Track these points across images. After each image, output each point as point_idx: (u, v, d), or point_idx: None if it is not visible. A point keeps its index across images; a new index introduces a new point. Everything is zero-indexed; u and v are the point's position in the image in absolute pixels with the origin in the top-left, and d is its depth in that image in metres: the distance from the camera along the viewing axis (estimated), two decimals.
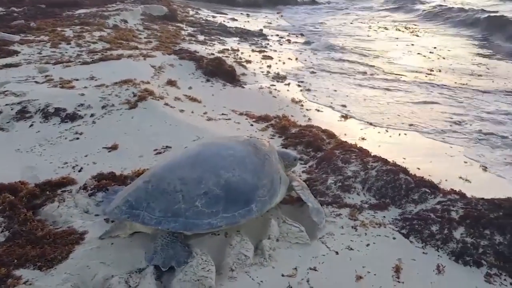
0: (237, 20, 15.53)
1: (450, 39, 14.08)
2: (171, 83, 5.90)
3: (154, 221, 2.43)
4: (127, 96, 4.99)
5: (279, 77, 7.59)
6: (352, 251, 2.59)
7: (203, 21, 14.04)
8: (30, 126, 4.42)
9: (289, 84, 7.21)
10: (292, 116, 5.40)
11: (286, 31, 14.27)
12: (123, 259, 2.48)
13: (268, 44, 11.08)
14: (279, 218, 2.81)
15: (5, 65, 6.48)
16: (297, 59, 9.50)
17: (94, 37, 8.84)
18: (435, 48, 11.93)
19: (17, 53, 7.40)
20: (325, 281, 2.35)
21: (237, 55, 8.99)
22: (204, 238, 2.66)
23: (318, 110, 5.98)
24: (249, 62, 8.43)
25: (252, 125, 4.85)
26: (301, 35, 13.35)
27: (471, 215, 2.75)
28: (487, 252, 2.55)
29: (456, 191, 3.05)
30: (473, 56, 11.27)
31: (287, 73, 7.95)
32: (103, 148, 3.97)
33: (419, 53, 11.23)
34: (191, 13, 15.96)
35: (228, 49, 9.47)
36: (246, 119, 5.03)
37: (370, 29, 15.68)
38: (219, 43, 10.45)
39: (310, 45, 11.56)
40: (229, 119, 4.93)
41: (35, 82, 5.71)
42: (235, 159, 2.71)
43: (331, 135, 4.31)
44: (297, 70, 8.40)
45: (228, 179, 2.58)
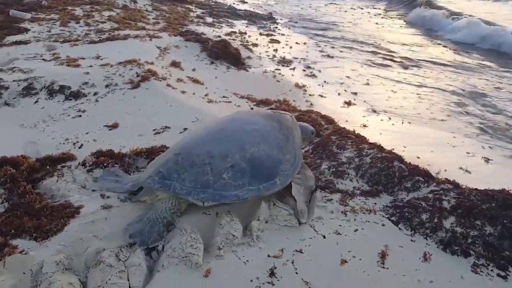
0: (247, 2, 15.35)
1: None
2: (175, 64, 5.91)
3: (185, 191, 2.55)
4: (131, 76, 5.03)
5: (284, 61, 7.54)
6: (339, 236, 2.61)
7: (213, 3, 13.95)
8: (35, 102, 4.50)
9: (294, 68, 7.17)
10: (294, 101, 5.39)
11: (297, 16, 14.08)
12: (115, 234, 2.54)
13: (276, 27, 10.98)
14: (270, 200, 2.84)
15: (15, 42, 6.58)
16: (305, 43, 9.40)
17: (103, 17, 8.87)
18: None
19: (27, 30, 7.48)
20: (310, 263, 2.38)
21: (244, 38, 8.94)
22: (196, 217, 2.71)
23: (321, 95, 5.94)
24: (255, 45, 8.38)
25: (252, 108, 4.86)
26: (310, 20, 13.21)
27: (463, 205, 2.74)
28: (476, 242, 2.55)
29: (450, 180, 3.04)
30: None
31: (293, 58, 7.90)
32: (104, 126, 4.03)
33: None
34: None
35: (235, 32, 9.42)
36: (246, 102, 5.05)
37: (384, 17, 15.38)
38: (227, 25, 10.39)
39: (318, 30, 11.43)
40: (230, 102, 4.95)
41: (43, 59, 5.79)
42: (260, 134, 2.83)
43: (330, 121, 4.30)
44: (304, 54, 8.32)
45: (253, 154, 2.70)
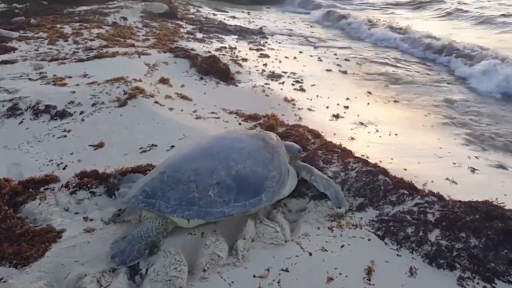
0: (237, 18, 15.50)
1: None
2: (163, 81, 5.92)
3: (170, 209, 2.56)
4: (118, 93, 5.03)
5: (274, 76, 7.59)
6: (325, 252, 2.59)
7: (203, 19, 14.06)
8: (20, 123, 4.46)
9: (283, 83, 7.20)
10: (283, 115, 5.40)
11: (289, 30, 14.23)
12: (97, 258, 2.51)
13: (266, 42, 11.07)
14: (256, 218, 2.82)
15: (1, 62, 6.56)
16: (295, 57, 9.47)
17: (92, 34, 8.90)
18: None
19: (14, 49, 7.47)
20: (295, 282, 2.36)
21: (234, 53, 9.00)
22: (181, 237, 2.68)
23: (310, 109, 5.97)
24: (245, 60, 8.43)
25: (240, 124, 4.86)
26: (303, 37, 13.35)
27: (447, 218, 2.74)
28: (461, 255, 2.54)
29: (434, 193, 3.04)
30: None
31: (282, 72, 7.94)
32: (89, 146, 4.00)
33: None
34: (192, 10, 15.99)
35: (225, 47, 9.48)
36: (235, 117, 5.05)
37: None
38: (217, 41, 10.46)
39: (308, 44, 11.54)
40: (218, 118, 4.95)
41: (29, 79, 5.76)
42: (246, 151, 2.87)
43: (317, 135, 4.31)
44: (293, 68, 8.37)
45: (239, 170, 2.73)
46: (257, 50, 9.79)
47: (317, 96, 6.67)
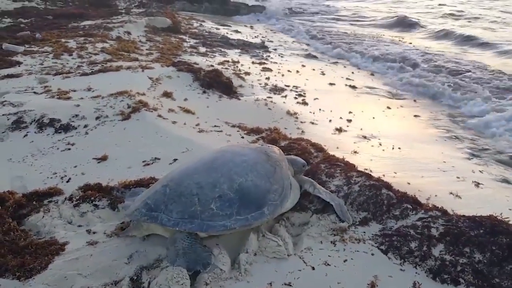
0: (240, 32, 15.68)
1: None
2: (166, 94, 5.97)
3: (172, 222, 2.56)
4: (121, 107, 5.07)
5: (276, 89, 7.63)
6: (328, 267, 2.58)
7: (206, 33, 14.21)
8: (24, 136, 4.50)
9: (286, 96, 7.25)
10: (285, 128, 5.43)
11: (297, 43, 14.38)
12: (100, 271, 2.51)
13: (269, 56, 11.17)
14: (259, 231, 2.81)
15: (7, 76, 6.62)
16: (297, 71, 9.54)
17: (96, 49, 9.00)
18: None
19: (19, 63, 7.55)
20: None
21: (237, 67, 9.08)
22: None
23: (312, 122, 5.99)
24: (248, 74, 8.50)
25: (243, 137, 4.88)
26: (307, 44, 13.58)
27: (451, 232, 2.73)
28: (465, 270, 2.53)
29: (438, 207, 3.03)
30: None
31: (285, 85, 8.00)
32: (93, 159, 4.02)
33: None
34: (195, 25, 16.17)
35: (228, 61, 9.56)
36: (237, 131, 5.07)
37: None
38: (220, 54, 10.56)
39: (310, 58, 11.65)
40: (221, 131, 4.97)
41: (34, 92, 5.82)
42: (248, 165, 2.87)
43: (320, 149, 4.32)
44: (296, 82, 8.43)
45: (241, 184, 2.73)
46: (260, 63, 9.88)
47: (320, 109, 6.70)
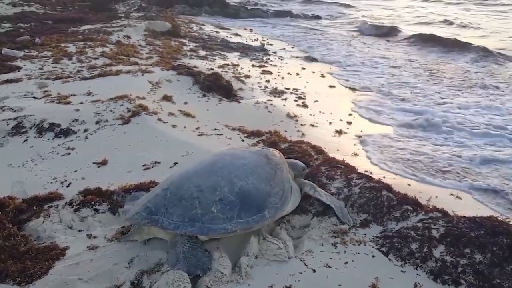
0: (240, 35, 15.70)
1: None
2: (166, 98, 5.98)
3: (172, 225, 2.57)
4: (121, 111, 5.07)
5: (276, 92, 7.64)
6: (329, 269, 2.57)
7: (206, 37, 14.24)
8: (24, 141, 4.50)
9: (286, 99, 7.26)
10: (285, 131, 5.43)
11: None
12: (101, 275, 2.50)
13: (269, 59, 11.18)
14: (259, 234, 2.81)
15: (6, 81, 6.64)
16: (297, 74, 9.55)
17: (96, 53, 9.01)
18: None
19: (19, 68, 7.57)
20: None
21: (237, 70, 9.09)
22: None
23: (312, 125, 6.00)
24: (248, 77, 8.51)
25: (243, 140, 4.88)
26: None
27: (451, 234, 2.72)
28: (466, 271, 2.52)
29: (438, 208, 3.03)
30: None
31: (285, 88, 8.01)
32: (93, 163, 4.03)
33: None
34: (195, 28, 16.21)
35: (228, 64, 9.58)
36: (238, 134, 5.08)
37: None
38: (220, 58, 10.58)
39: (310, 60, 11.66)
40: (221, 135, 4.98)
41: (34, 97, 5.83)
42: (249, 168, 2.87)
43: (320, 151, 4.32)
44: (296, 84, 8.44)
45: (242, 187, 2.74)
46: (260, 66, 9.90)
47: (320, 112, 6.71)
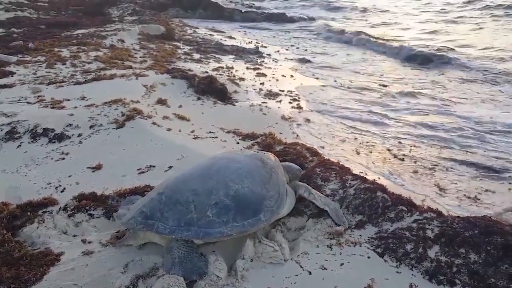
0: (234, 38, 15.72)
1: None
2: (161, 101, 5.97)
3: (168, 230, 2.56)
4: (116, 115, 5.06)
5: (271, 94, 7.65)
6: (325, 271, 2.58)
7: (200, 40, 14.24)
8: (18, 146, 4.48)
9: (280, 101, 7.27)
10: (280, 133, 5.44)
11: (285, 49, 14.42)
12: (96, 281, 2.49)
13: (263, 61, 11.20)
14: (255, 237, 2.81)
15: (0, 86, 6.59)
16: (292, 76, 9.57)
17: (89, 57, 8.99)
18: None
19: (12, 74, 7.53)
20: None
21: (231, 72, 9.10)
22: None
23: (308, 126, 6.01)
24: (242, 79, 8.52)
25: (238, 143, 4.89)
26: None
27: (446, 234, 2.74)
28: (461, 271, 2.54)
29: (433, 209, 3.05)
30: None
31: (279, 90, 8.02)
32: (87, 168, 4.01)
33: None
34: (189, 31, 16.20)
35: (222, 67, 9.58)
36: (233, 137, 5.08)
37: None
38: (215, 61, 10.58)
39: (304, 62, 11.69)
40: (216, 137, 4.98)
41: (27, 102, 5.80)
42: (244, 171, 2.87)
43: (315, 153, 4.33)
44: (290, 86, 8.45)
45: (237, 190, 2.73)
46: (254, 69, 9.91)
47: (314, 111, 6.72)
